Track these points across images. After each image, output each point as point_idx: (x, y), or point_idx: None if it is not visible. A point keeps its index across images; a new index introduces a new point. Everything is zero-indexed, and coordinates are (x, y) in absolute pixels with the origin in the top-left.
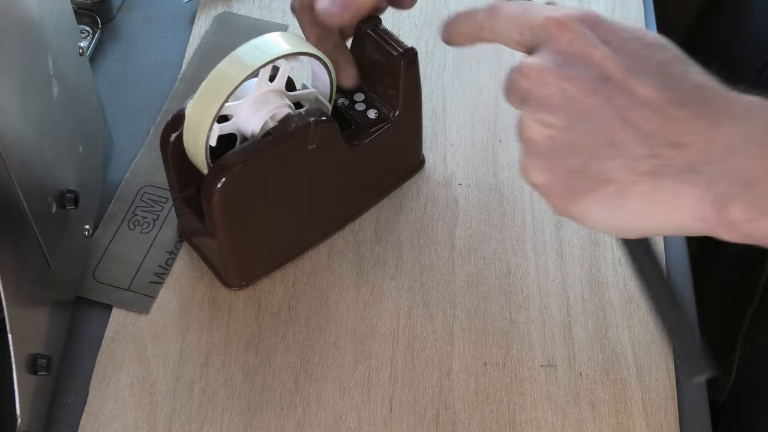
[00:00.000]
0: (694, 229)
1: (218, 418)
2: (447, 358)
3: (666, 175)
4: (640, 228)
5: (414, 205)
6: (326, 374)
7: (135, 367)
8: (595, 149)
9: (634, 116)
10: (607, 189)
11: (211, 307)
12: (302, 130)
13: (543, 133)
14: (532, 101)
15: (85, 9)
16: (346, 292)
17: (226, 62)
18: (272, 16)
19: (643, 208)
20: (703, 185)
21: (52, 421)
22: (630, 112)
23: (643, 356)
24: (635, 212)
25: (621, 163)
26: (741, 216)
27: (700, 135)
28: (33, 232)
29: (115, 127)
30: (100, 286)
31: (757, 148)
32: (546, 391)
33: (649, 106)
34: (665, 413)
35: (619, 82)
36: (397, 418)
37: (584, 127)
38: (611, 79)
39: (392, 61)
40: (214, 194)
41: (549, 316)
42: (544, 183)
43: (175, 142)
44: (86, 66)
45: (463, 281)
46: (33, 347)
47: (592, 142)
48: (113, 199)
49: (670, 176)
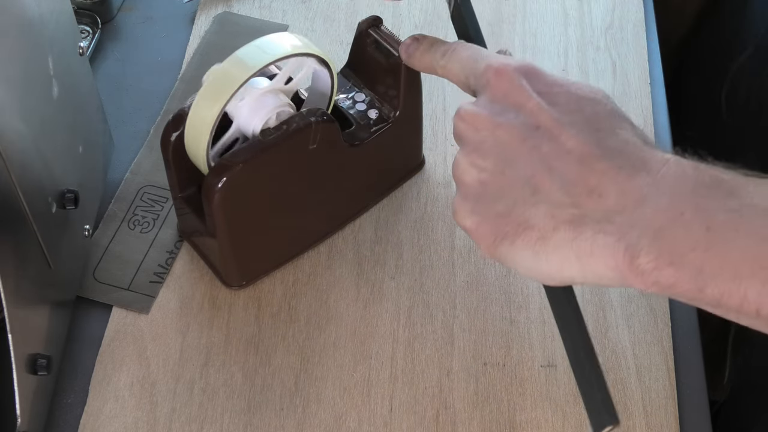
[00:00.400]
0: (611, 278)
1: (218, 418)
2: (447, 358)
3: (585, 224)
4: (563, 275)
5: (414, 205)
6: (326, 374)
7: (135, 367)
8: (521, 195)
9: (558, 165)
10: (530, 234)
11: (211, 307)
12: (303, 130)
13: (475, 176)
14: (467, 144)
15: (85, 9)
16: (346, 292)
17: (228, 62)
18: (272, 16)
19: (564, 255)
20: (615, 235)
21: (52, 421)
22: (555, 161)
23: (643, 356)
24: (557, 259)
25: (544, 210)
26: (648, 265)
27: (616, 187)
28: (33, 232)
29: (115, 127)
30: (100, 285)
31: (666, 201)
32: (546, 391)
33: (572, 157)
34: (665, 413)
35: (547, 131)
36: (397, 418)
37: (512, 173)
38: (540, 128)
39: (393, 61)
40: (215, 194)
41: (549, 316)
42: (472, 226)
43: (175, 141)
44: (86, 66)
45: (463, 281)
46: (33, 347)
47: (519, 188)
48: (113, 199)
49: (588, 225)
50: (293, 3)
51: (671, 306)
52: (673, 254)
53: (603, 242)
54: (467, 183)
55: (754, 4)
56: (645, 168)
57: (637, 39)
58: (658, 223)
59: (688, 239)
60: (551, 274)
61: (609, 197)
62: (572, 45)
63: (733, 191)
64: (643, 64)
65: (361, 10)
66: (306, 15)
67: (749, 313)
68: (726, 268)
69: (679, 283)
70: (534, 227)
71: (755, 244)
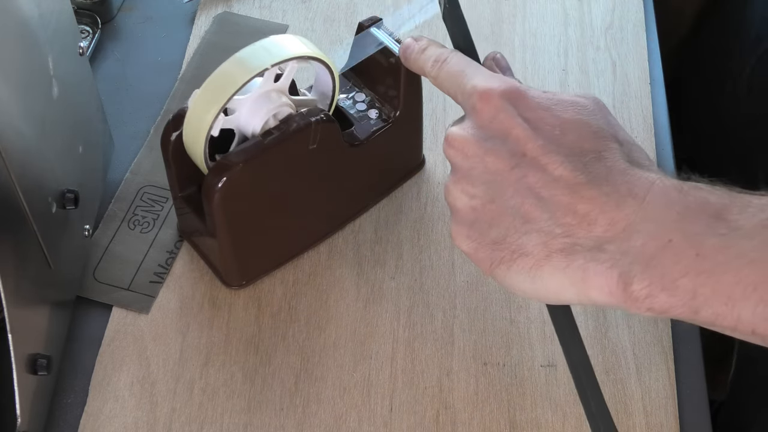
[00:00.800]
0: (607, 303)
1: (218, 418)
2: (447, 358)
3: (576, 253)
4: (560, 298)
5: (414, 205)
6: (326, 374)
7: (135, 366)
8: (512, 224)
9: (546, 194)
10: (525, 261)
11: (211, 307)
12: (303, 130)
13: (467, 203)
14: (457, 171)
15: (85, 9)
16: (346, 292)
17: (230, 62)
18: (272, 16)
19: (559, 281)
20: (607, 263)
21: (52, 421)
22: (543, 190)
23: (643, 356)
24: (553, 284)
25: (536, 239)
26: (642, 292)
27: (605, 215)
28: (33, 232)
29: (115, 127)
30: (100, 285)
31: (653, 228)
32: (546, 391)
33: (560, 185)
34: (665, 413)
35: (534, 159)
36: (397, 418)
37: (502, 202)
38: (527, 156)
39: (393, 62)
40: (215, 194)
41: (549, 316)
42: (470, 250)
43: (176, 141)
44: (86, 66)
45: (463, 281)
46: (33, 347)
47: (510, 217)
48: (113, 199)
49: (579, 254)
50: (293, 3)
51: None
52: (665, 280)
53: (595, 270)
54: (459, 209)
55: (754, 4)
56: (631, 194)
57: (637, 39)
58: (648, 251)
59: (679, 265)
60: (549, 297)
61: (598, 226)
62: (572, 45)
63: (719, 214)
64: (643, 64)
65: (361, 10)
66: (306, 15)
67: (745, 332)
68: (718, 291)
69: (674, 308)
70: (528, 255)
71: (744, 266)
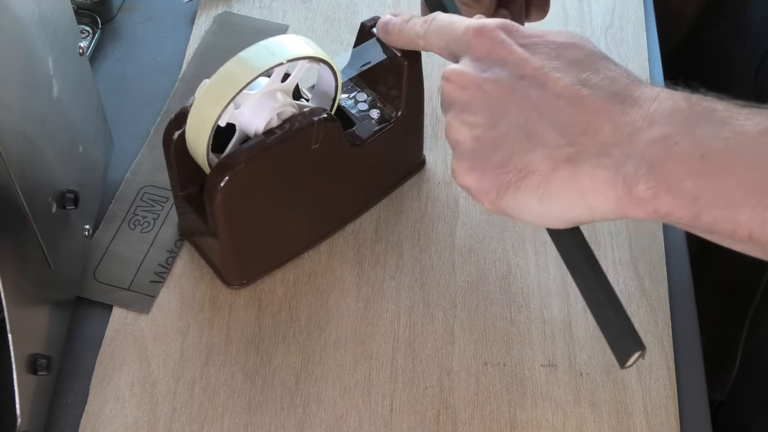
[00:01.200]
0: (614, 211)
1: (219, 418)
2: (447, 358)
3: (582, 161)
4: (570, 216)
5: (414, 205)
6: (327, 374)
7: (135, 366)
8: (517, 143)
9: (549, 108)
10: (532, 179)
11: (212, 307)
12: (306, 130)
13: (468, 134)
14: (456, 104)
15: (85, 9)
16: (347, 292)
17: (232, 63)
18: (272, 16)
19: (567, 194)
20: (613, 167)
21: (52, 421)
22: (546, 105)
23: None
24: (562, 200)
25: (541, 153)
26: (647, 193)
27: (609, 122)
28: (33, 232)
29: (115, 127)
30: (100, 285)
31: (659, 131)
32: (546, 391)
33: (562, 99)
34: (665, 413)
35: (534, 78)
36: (398, 417)
37: (505, 123)
38: (527, 77)
39: (395, 62)
40: (217, 193)
41: (549, 316)
42: (473, 183)
43: (178, 139)
44: (86, 66)
45: (464, 281)
46: (33, 347)
47: (514, 137)
48: (113, 199)
49: (585, 161)
50: (293, 3)
51: (671, 306)
52: (669, 182)
53: (602, 176)
54: (461, 142)
55: (754, 4)
56: (636, 103)
57: (637, 39)
58: (653, 153)
59: (683, 167)
60: (559, 216)
61: (604, 132)
62: None
63: (725, 120)
64: (643, 64)
65: (361, 10)
66: (306, 15)
67: (742, 237)
68: (719, 195)
69: (677, 210)
70: (534, 171)
71: (747, 170)
